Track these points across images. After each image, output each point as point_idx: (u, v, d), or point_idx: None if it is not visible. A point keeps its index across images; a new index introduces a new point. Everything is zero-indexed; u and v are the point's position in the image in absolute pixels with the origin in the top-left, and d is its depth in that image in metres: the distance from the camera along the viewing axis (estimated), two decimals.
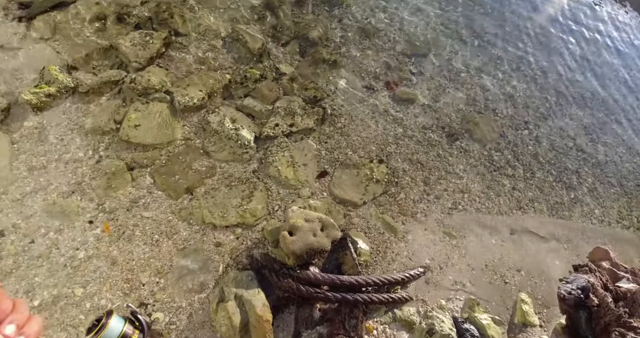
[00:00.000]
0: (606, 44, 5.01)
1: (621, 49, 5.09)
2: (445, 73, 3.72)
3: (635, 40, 5.34)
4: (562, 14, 5.19)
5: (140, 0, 3.51)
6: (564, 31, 4.89)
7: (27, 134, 2.63)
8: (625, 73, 4.67)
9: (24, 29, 3.15)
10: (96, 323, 0.79)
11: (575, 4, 5.50)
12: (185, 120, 2.86)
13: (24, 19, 3.20)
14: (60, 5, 3.29)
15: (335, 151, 2.95)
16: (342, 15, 3.90)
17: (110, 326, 0.78)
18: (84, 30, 3.23)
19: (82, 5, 3.35)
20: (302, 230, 2.37)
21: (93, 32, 3.24)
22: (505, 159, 3.25)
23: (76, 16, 3.30)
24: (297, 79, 3.28)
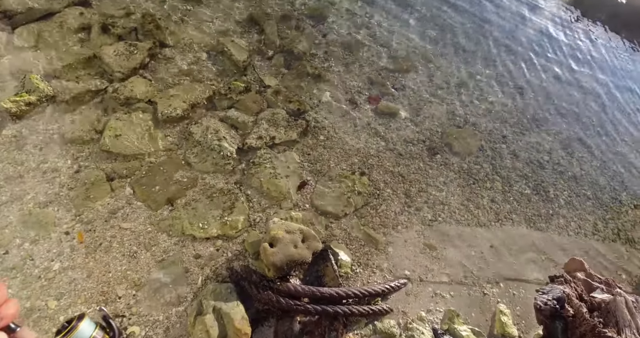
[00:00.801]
0: (582, 62, 5.35)
1: (596, 66, 5.44)
2: (426, 88, 3.91)
3: (609, 58, 5.72)
4: (540, 32, 5.53)
5: (126, 11, 3.61)
6: (542, 49, 5.21)
7: (4, 143, 2.64)
8: (600, 89, 4.98)
9: (7, 37, 3.20)
10: (66, 324, 0.82)
11: (553, 23, 5.88)
12: (168, 131, 2.92)
13: (7, 27, 3.25)
14: (48, 15, 3.36)
15: (317, 163, 3.05)
16: (327, 31, 4.08)
17: (80, 329, 0.82)
18: (68, 39, 3.29)
19: (66, 15, 3.42)
20: (282, 242, 2.43)
21: (77, 41, 3.31)
22: (484, 172, 3.40)
23: (60, 26, 3.36)
24: (281, 92, 3.40)
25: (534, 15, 5.85)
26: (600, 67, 5.42)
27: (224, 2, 3.94)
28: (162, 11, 3.68)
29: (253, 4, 4.03)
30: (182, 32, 3.56)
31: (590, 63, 5.40)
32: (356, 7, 4.50)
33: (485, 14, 5.32)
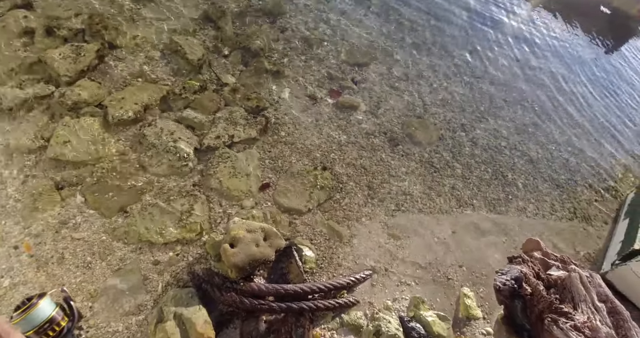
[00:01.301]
0: (536, 48, 5.60)
1: (550, 52, 5.70)
2: (385, 81, 3.98)
3: (562, 44, 6.01)
4: (497, 25, 5.74)
5: (73, 12, 3.46)
6: (498, 41, 5.41)
7: None
8: (552, 78, 5.23)
9: None
10: (26, 301, 0.78)
11: (510, 16, 6.10)
12: (120, 134, 2.83)
13: None
14: None
15: (279, 159, 3.05)
16: (285, 26, 4.07)
17: (39, 306, 0.78)
18: (10, 44, 3.12)
19: (9, 18, 3.25)
20: (243, 241, 2.42)
21: (20, 46, 3.15)
22: (444, 160, 3.51)
23: (2, 29, 3.19)
24: (239, 90, 3.36)
25: (490, 9, 6.06)
26: (553, 56, 5.69)
27: (176, 0, 3.85)
28: (110, 11, 3.55)
29: (208, 0, 3.96)
30: (133, 31, 3.45)
31: (543, 54, 5.66)
32: (314, 2, 4.51)
33: (441, 10, 5.46)
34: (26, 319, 0.74)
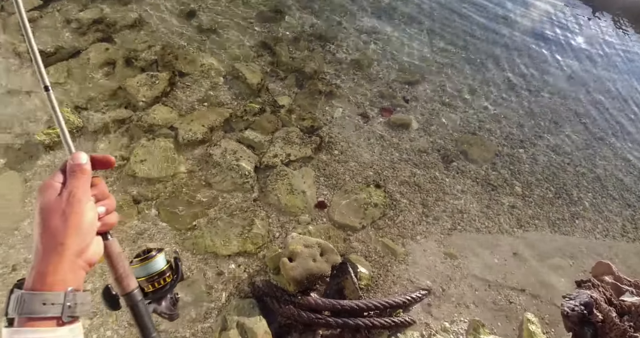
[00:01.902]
0: (597, 61, 5.32)
1: (612, 65, 5.38)
2: (437, 98, 4.00)
3: (624, 56, 5.65)
4: (553, 32, 5.56)
5: (147, 44, 3.95)
6: (554, 49, 5.23)
7: (39, 172, 2.92)
8: (617, 88, 4.92)
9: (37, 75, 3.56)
10: (146, 252, 0.90)
11: (565, 22, 5.90)
12: (189, 154, 3.13)
13: None
14: (76, 53, 3.73)
15: (333, 177, 3.17)
16: (336, 49, 4.29)
17: (156, 259, 0.90)
18: (95, 74, 3.63)
19: (92, 52, 3.79)
20: (301, 256, 2.53)
21: (103, 75, 3.64)
22: (502, 178, 3.41)
23: (87, 61, 3.72)
24: (294, 111, 3.58)
25: (544, 20, 5.90)
26: (616, 65, 5.36)
27: (236, 30, 4.24)
28: (180, 42, 4.00)
29: (264, 29, 4.31)
30: (200, 60, 3.85)
31: (605, 62, 5.36)
32: (363, 24, 4.71)
33: (492, 22, 5.42)
34: (143, 267, 0.86)
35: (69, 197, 0.61)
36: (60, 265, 0.57)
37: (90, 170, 0.68)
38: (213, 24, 4.25)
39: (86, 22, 4.03)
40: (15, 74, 3.54)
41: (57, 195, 0.61)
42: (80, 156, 0.68)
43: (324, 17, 4.66)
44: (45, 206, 0.60)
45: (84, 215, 0.61)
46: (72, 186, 0.63)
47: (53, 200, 0.60)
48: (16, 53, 3.67)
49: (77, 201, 0.61)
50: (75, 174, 0.65)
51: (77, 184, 0.63)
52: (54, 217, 0.59)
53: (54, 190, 0.62)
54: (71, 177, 0.64)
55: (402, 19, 4.96)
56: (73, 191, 0.62)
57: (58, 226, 0.58)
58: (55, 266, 0.57)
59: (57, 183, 0.63)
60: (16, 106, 3.30)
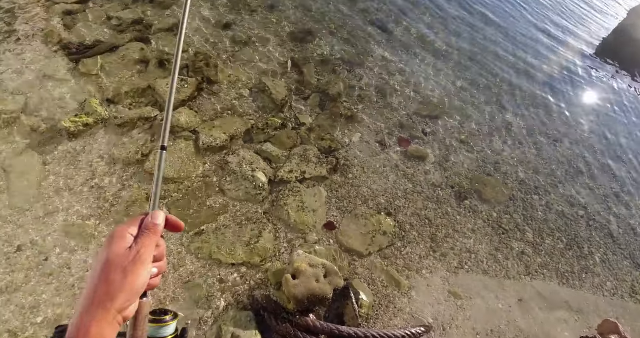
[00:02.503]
0: (620, 116, 5.48)
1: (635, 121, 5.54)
2: (456, 134, 4.14)
3: None
4: (576, 85, 5.78)
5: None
6: (576, 101, 5.41)
7: (59, 157, 3.04)
8: (637, 144, 5.04)
9: (73, 63, 3.77)
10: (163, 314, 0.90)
11: (589, 77, 6.13)
12: (207, 158, 3.25)
13: (77, 55, 3.85)
14: (112, 48, 3.96)
15: (344, 200, 3.25)
16: (362, 75, 4.50)
17: (169, 325, 0.90)
18: (127, 70, 3.83)
19: (128, 49, 4.01)
20: (305, 275, 2.57)
21: (135, 72, 3.84)
22: (514, 222, 3.47)
23: (122, 58, 3.94)
24: (314, 130, 3.72)
25: (571, 67, 6.14)
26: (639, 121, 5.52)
27: (268, 46, 4.48)
28: (213, 50, 4.22)
29: (295, 48, 4.55)
30: (229, 70, 4.05)
31: (628, 118, 5.52)
32: (392, 54, 4.96)
33: (520, 64, 5.66)
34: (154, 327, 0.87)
35: (136, 255, 0.65)
36: (103, 320, 0.60)
37: (161, 231, 0.72)
38: (246, 37, 4.50)
39: (126, 21, 4.28)
40: (51, 60, 3.75)
41: (126, 249, 0.65)
42: (159, 216, 0.73)
43: (353, 43, 4.91)
44: (111, 257, 0.63)
45: (141, 276, 0.64)
46: (141, 244, 0.67)
47: (121, 254, 0.64)
48: (56, 41, 3.90)
49: (140, 262, 0.65)
50: (148, 233, 0.69)
51: (146, 244, 0.67)
52: (115, 271, 0.62)
53: (124, 242, 0.66)
54: (144, 234, 0.69)
55: (429, 53, 5.21)
56: (141, 250, 0.66)
57: (115, 282, 0.62)
58: (99, 322, 0.60)
59: (130, 236, 0.67)
60: (48, 90, 3.47)
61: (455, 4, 6.42)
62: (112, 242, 0.66)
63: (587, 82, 5.99)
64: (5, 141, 3.05)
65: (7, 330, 2.22)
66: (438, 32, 5.66)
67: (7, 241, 2.54)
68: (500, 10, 6.84)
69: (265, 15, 4.82)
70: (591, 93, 5.77)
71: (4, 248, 2.52)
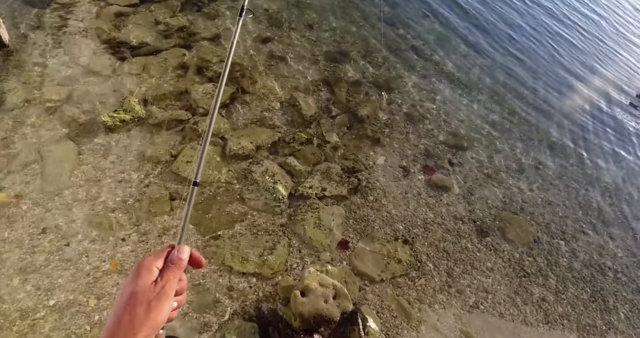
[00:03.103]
0: None
1: None
2: (484, 169, 4.15)
3: None
4: (611, 132, 5.69)
5: (219, 58, 4.43)
6: (612, 149, 5.32)
7: (94, 149, 3.24)
8: None
9: (119, 61, 4.06)
10: None
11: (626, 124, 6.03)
12: (232, 166, 3.38)
13: (122, 55, 4.14)
14: (156, 51, 4.25)
15: (362, 222, 3.28)
16: (392, 100, 4.62)
17: None
18: (167, 74, 4.09)
19: (171, 54, 4.29)
20: (314, 293, 2.59)
21: (174, 77, 4.09)
22: (537, 266, 3.39)
23: (164, 61, 4.21)
24: (339, 149, 3.82)
25: (607, 115, 6.08)
26: None
27: (304, 63, 4.69)
28: (250, 63, 4.46)
29: (329, 68, 4.74)
30: (263, 83, 4.25)
31: None
32: (424, 82, 5.08)
33: (554, 107, 5.66)
34: None
35: (160, 291, 0.67)
36: None
37: (185, 266, 0.75)
38: (283, 53, 4.73)
39: (172, 27, 4.60)
40: (99, 57, 4.05)
41: (152, 283, 0.68)
42: (185, 251, 0.77)
43: (387, 68, 5.07)
44: (138, 291, 0.66)
45: (163, 312, 0.67)
46: (166, 278, 0.69)
47: (147, 287, 0.67)
48: (104, 39, 4.22)
49: (165, 297, 0.67)
50: (174, 267, 0.73)
51: (171, 278, 0.70)
52: (140, 305, 0.65)
53: (150, 275, 0.69)
54: (169, 269, 0.71)
55: (462, 85, 5.30)
56: (166, 286, 0.68)
57: (140, 316, 0.64)
58: None
59: (156, 269, 0.70)
60: (92, 85, 3.74)
61: (491, 40, 6.56)
62: (139, 275, 0.69)
63: (623, 132, 5.90)
64: (47, 128, 3.29)
65: (18, 309, 2.34)
66: (473, 65, 5.77)
67: (33, 223, 2.71)
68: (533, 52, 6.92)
69: (304, 34, 5.07)
70: (626, 143, 5.67)
71: (30, 228, 2.68)
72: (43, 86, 3.59)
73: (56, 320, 2.31)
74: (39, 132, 3.25)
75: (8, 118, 3.30)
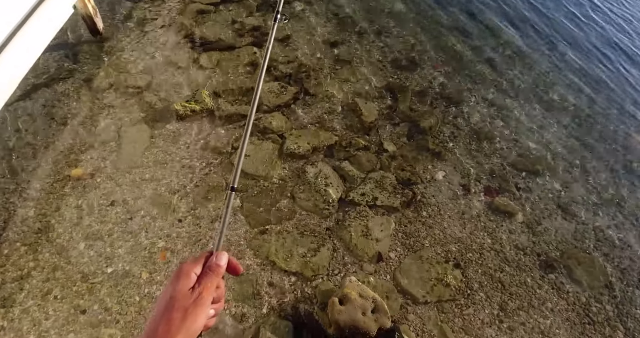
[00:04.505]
0: None
1: None
2: (555, 199, 3.81)
3: None
4: None
5: (288, 59, 4.60)
6: None
7: (164, 134, 3.53)
8: None
9: (195, 55, 4.38)
10: None
11: None
12: (287, 164, 3.48)
13: (199, 49, 4.48)
14: (230, 48, 4.53)
15: (412, 237, 3.18)
16: (459, 114, 4.44)
17: None
18: (238, 70, 4.33)
19: (243, 51, 4.54)
20: (353, 304, 2.56)
21: (244, 73, 4.32)
22: (605, 315, 3.03)
23: (236, 58, 4.47)
24: (396, 159, 3.76)
25: None
26: None
27: (369, 68, 4.69)
28: (316, 64, 4.57)
29: (395, 75, 4.70)
30: (326, 85, 4.33)
31: None
32: (496, 97, 4.81)
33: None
34: None
35: (198, 297, 0.68)
36: None
37: (223, 273, 0.76)
38: (350, 57, 4.77)
39: (247, 27, 4.87)
40: (179, 49, 4.42)
41: (189, 288, 0.69)
42: (223, 258, 0.78)
43: (457, 79, 4.89)
44: (176, 295, 0.67)
45: (199, 319, 0.67)
46: (204, 285, 0.70)
47: (184, 292, 0.68)
48: (185, 34, 4.59)
49: (201, 304, 0.68)
50: (212, 274, 0.74)
51: (209, 285, 0.72)
52: (177, 311, 0.66)
53: (189, 281, 0.69)
54: (207, 275, 0.72)
55: (541, 104, 4.93)
56: (203, 292, 0.69)
57: (176, 321, 0.65)
58: None
59: (194, 274, 0.71)
60: (170, 75, 4.09)
61: (581, 56, 6.03)
62: (178, 280, 0.69)
63: None
64: (127, 111, 3.66)
65: (80, 272, 2.61)
66: (555, 83, 5.34)
67: (104, 195, 3.01)
68: (632, 77, 6.22)
69: (373, 40, 5.08)
70: None
71: (101, 200, 2.98)
72: (128, 72, 4.00)
73: (111, 286, 2.54)
74: (119, 114, 3.62)
75: (95, 99, 3.73)
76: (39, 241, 2.72)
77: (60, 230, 2.80)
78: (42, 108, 3.59)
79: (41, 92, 3.69)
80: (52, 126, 3.46)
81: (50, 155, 3.24)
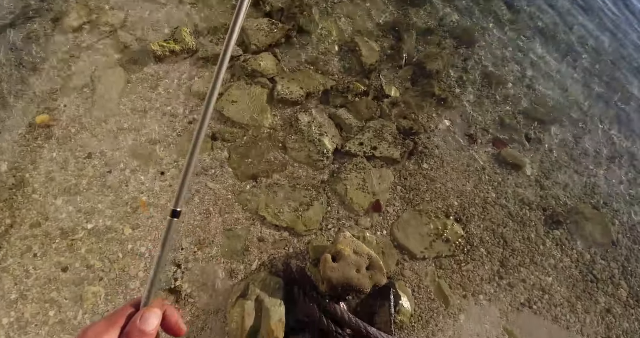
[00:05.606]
0: None
1: None
2: (567, 150, 3.50)
3: None
4: None
5: None
6: None
7: (142, 79, 3.14)
8: None
9: None
10: None
11: None
12: (278, 111, 3.13)
13: None
14: None
15: (412, 191, 2.95)
16: (469, 55, 3.95)
17: None
18: (222, 5, 3.77)
19: None
20: (346, 260, 2.40)
21: (229, 8, 3.77)
22: (609, 272, 2.90)
23: None
24: (398, 105, 3.39)
25: None
26: None
27: (370, 3, 4.10)
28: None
29: (399, 11, 4.12)
30: (323, 22, 3.80)
31: None
32: (511, 38, 4.28)
33: None
34: None
35: None
36: None
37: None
38: None
39: None
40: None
41: None
42: (151, 318, 0.53)
43: (470, 17, 4.32)
44: None
45: None
46: None
47: None
48: None
49: None
50: None
51: None
52: None
53: None
54: None
55: (559, 47, 4.41)
56: None
57: None
58: None
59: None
60: (147, 12, 3.56)
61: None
62: None
63: None
64: (101, 53, 3.22)
65: (60, 228, 2.42)
66: (576, 23, 4.74)
67: (80, 147, 2.73)
68: None
69: None
70: None
71: (77, 152, 2.71)
72: (100, 9, 3.48)
73: (93, 243, 2.37)
74: (92, 56, 3.20)
75: (66, 40, 3.27)
76: (14, 197, 2.50)
77: (35, 184, 2.57)
78: (9, 52, 3.16)
79: (6, 34, 3.23)
80: (21, 71, 3.07)
81: (20, 104, 2.90)
